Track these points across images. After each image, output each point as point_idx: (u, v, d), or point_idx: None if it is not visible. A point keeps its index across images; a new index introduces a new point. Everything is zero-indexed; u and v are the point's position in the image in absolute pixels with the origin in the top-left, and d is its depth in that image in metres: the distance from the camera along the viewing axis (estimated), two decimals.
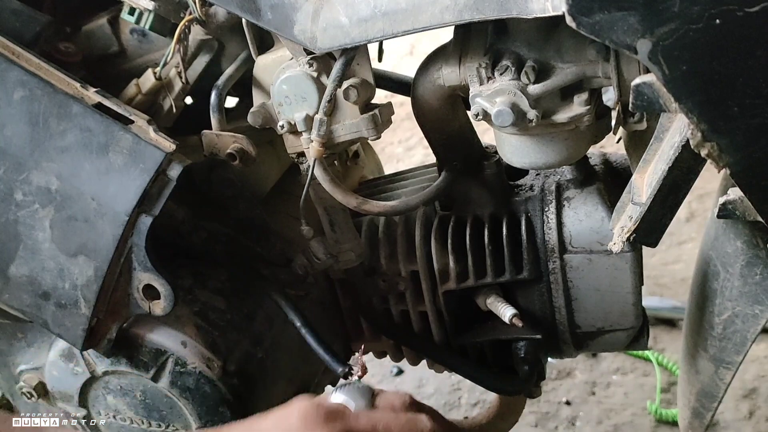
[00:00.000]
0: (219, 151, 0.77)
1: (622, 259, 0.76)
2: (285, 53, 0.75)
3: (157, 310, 0.74)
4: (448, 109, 0.74)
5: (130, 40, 0.82)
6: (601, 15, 0.50)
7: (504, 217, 0.80)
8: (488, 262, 0.79)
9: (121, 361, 0.79)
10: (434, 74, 0.71)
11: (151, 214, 0.71)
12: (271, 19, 0.68)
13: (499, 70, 0.66)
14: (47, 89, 0.72)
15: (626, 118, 0.67)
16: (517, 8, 0.57)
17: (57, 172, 0.72)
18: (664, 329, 1.51)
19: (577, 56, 0.65)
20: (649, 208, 0.63)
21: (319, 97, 0.72)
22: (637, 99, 0.55)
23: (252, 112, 0.76)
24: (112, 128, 0.71)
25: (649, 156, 0.64)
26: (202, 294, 0.81)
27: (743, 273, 0.72)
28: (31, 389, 0.85)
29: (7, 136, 0.72)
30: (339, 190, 0.75)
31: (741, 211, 0.61)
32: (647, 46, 0.50)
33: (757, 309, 0.72)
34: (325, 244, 0.81)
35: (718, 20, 0.48)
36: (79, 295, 0.74)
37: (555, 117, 0.66)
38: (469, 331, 0.85)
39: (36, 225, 0.73)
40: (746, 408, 1.34)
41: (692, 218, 1.77)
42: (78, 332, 0.75)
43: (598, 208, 0.77)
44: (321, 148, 0.72)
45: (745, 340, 0.73)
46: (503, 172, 0.81)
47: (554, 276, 0.78)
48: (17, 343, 0.86)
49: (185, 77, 0.78)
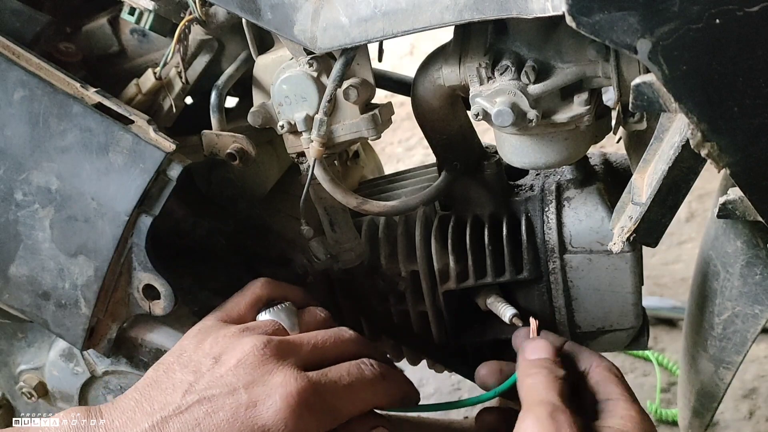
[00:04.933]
0: (219, 151, 0.77)
1: (622, 259, 0.76)
2: (285, 53, 0.75)
3: (157, 310, 0.74)
4: (448, 109, 0.74)
5: (130, 40, 0.82)
6: (601, 15, 0.50)
7: (504, 217, 0.80)
8: (488, 262, 0.79)
9: (121, 361, 0.79)
10: (434, 74, 0.71)
11: (151, 214, 0.72)
12: (271, 19, 0.68)
13: (499, 70, 0.66)
14: (47, 89, 0.72)
15: (626, 118, 0.67)
16: (517, 8, 0.57)
17: (57, 172, 0.72)
18: (664, 329, 1.51)
19: (577, 56, 0.65)
20: (649, 208, 0.63)
21: (319, 97, 0.72)
22: (637, 99, 0.55)
23: (252, 112, 0.76)
24: (112, 128, 0.71)
25: (649, 156, 0.64)
26: (202, 294, 0.81)
27: (743, 273, 0.72)
28: (31, 389, 0.85)
29: (7, 136, 0.72)
30: (339, 190, 0.75)
31: (741, 211, 0.61)
32: (647, 46, 0.50)
33: (757, 309, 0.72)
34: (325, 244, 0.81)
35: (718, 20, 0.48)
36: (79, 295, 0.74)
37: (555, 117, 0.66)
38: (469, 331, 0.85)
39: (36, 225, 0.73)
40: (746, 408, 1.34)
41: (692, 218, 1.77)
42: (78, 332, 0.75)
43: (598, 208, 0.77)
44: (321, 148, 0.72)
45: (745, 340, 0.73)
46: (503, 172, 0.81)
47: (554, 276, 0.78)
48: (17, 343, 0.86)
49: (185, 77, 0.78)
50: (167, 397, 0.64)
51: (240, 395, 0.62)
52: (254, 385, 0.63)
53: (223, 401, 0.62)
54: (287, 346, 0.67)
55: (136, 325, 0.79)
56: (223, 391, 0.63)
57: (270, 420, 0.61)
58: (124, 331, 0.78)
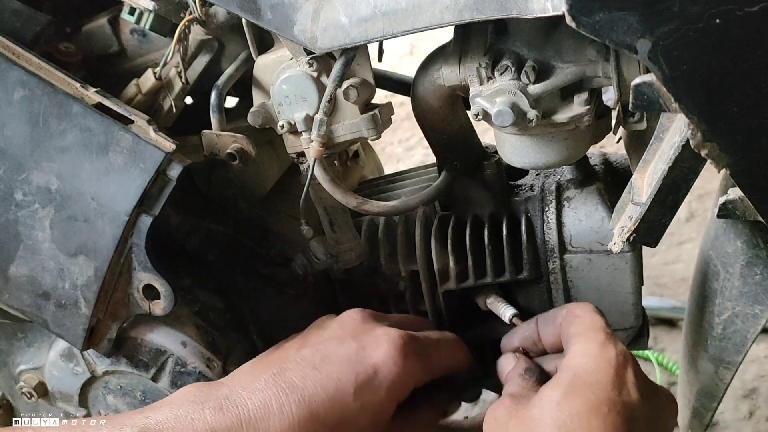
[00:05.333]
0: (219, 151, 0.77)
1: (622, 259, 0.76)
2: (285, 53, 0.75)
3: (157, 310, 0.74)
4: (448, 109, 0.74)
5: (130, 40, 0.82)
6: (601, 15, 0.50)
7: (504, 217, 0.80)
8: (488, 262, 0.79)
9: (121, 361, 0.79)
10: (434, 74, 0.71)
11: (151, 214, 0.72)
12: (271, 19, 0.68)
13: (499, 70, 0.66)
14: (47, 89, 0.72)
15: (626, 118, 0.67)
16: (517, 8, 0.57)
17: (57, 172, 0.72)
18: (664, 329, 1.51)
19: (577, 56, 0.65)
20: (649, 208, 0.63)
21: (319, 97, 0.72)
22: (637, 99, 0.55)
23: (252, 112, 0.76)
24: (112, 128, 0.71)
25: (649, 156, 0.64)
26: (202, 294, 0.81)
27: (743, 273, 0.72)
28: (31, 389, 0.85)
29: (7, 136, 0.72)
30: (339, 190, 0.75)
31: (741, 211, 0.61)
32: (647, 45, 0.50)
33: (757, 309, 0.72)
34: (325, 244, 0.81)
35: (718, 20, 0.48)
36: (79, 295, 0.74)
37: (555, 117, 0.66)
38: (469, 331, 0.85)
39: (36, 225, 0.73)
40: (746, 408, 1.34)
41: (692, 218, 1.77)
42: (78, 332, 0.75)
43: (598, 208, 0.77)
44: (321, 148, 0.72)
45: (745, 340, 0.73)
46: (503, 172, 0.81)
47: (554, 276, 0.78)
48: (17, 343, 0.86)
49: (185, 77, 0.78)
50: (281, 354, 0.70)
51: (349, 343, 0.69)
52: (360, 335, 0.70)
53: (336, 348, 0.69)
54: (378, 315, 0.75)
55: (136, 325, 0.79)
56: (333, 342, 0.70)
57: (380, 359, 0.67)
58: (124, 331, 0.78)
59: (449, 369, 0.74)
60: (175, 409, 0.64)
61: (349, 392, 0.66)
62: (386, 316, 0.77)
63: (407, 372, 0.68)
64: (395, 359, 0.67)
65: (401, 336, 0.69)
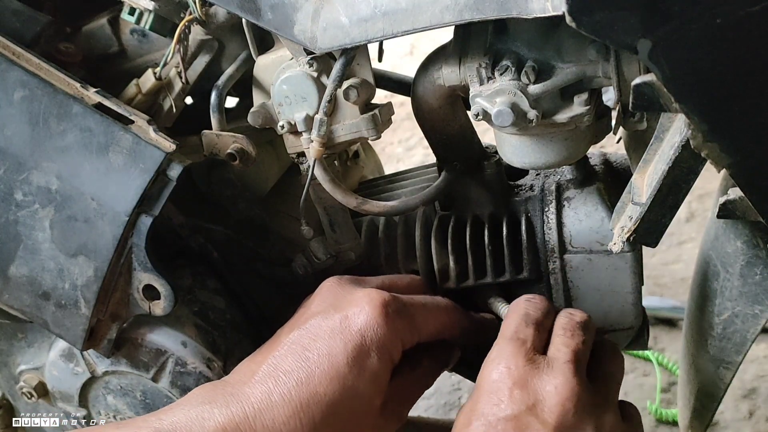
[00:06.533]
0: (219, 151, 0.77)
1: (622, 259, 0.76)
2: (285, 53, 0.75)
3: (157, 310, 0.74)
4: (448, 109, 0.74)
5: (130, 40, 0.82)
6: (601, 15, 0.50)
7: (504, 217, 0.80)
8: (488, 262, 0.79)
9: (121, 362, 0.79)
10: (434, 74, 0.71)
11: (151, 215, 0.72)
12: (271, 19, 0.68)
13: (499, 70, 0.66)
14: (47, 89, 0.72)
15: (626, 118, 0.67)
16: (517, 8, 0.57)
17: (57, 172, 0.72)
18: (664, 329, 1.51)
19: (577, 56, 0.65)
20: (649, 208, 0.63)
21: (319, 97, 0.72)
22: (637, 99, 0.55)
23: (252, 112, 0.76)
24: (112, 128, 0.71)
25: (649, 156, 0.64)
26: (202, 294, 0.81)
27: (743, 273, 0.72)
28: (31, 389, 0.85)
29: (8, 136, 0.72)
30: (339, 190, 0.75)
31: (741, 211, 0.61)
32: (648, 45, 0.50)
33: (757, 309, 0.72)
34: (325, 244, 0.81)
35: (719, 20, 0.48)
36: (79, 295, 0.74)
37: (555, 117, 0.66)
38: None
39: (36, 225, 0.73)
40: (746, 408, 1.34)
41: (692, 218, 1.77)
42: (78, 332, 0.75)
43: (598, 208, 0.77)
44: (321, 148, 0.72)
45: (745, 340, 0.73)
46: (503, 172, 0.81)
47: (554, 276, 0.78)
48: (17, 343, 0.86)
49: (185, 77, 0.78)
50: (274, 343, 0.71)
51: (332, 315, 0.70)
52: (341, 304, 0.71)
53: (320, 323, 0.69)
54: (358, 279, 0.76)
55: (136, 326, 0.78)
56: (318, 318, 0.70)
57: (364, 323, 0.68)
58: (124, 332, 0.78)
59: (438, 331, 0.74)
60: (187, 410, 0.65)
61: (342, 363, 0.67)
62: (367, 279, 0.77)
63: (392, 330, 0.69)
64: (377, 320, 0.68)
65: (381, 296, 0.70)
